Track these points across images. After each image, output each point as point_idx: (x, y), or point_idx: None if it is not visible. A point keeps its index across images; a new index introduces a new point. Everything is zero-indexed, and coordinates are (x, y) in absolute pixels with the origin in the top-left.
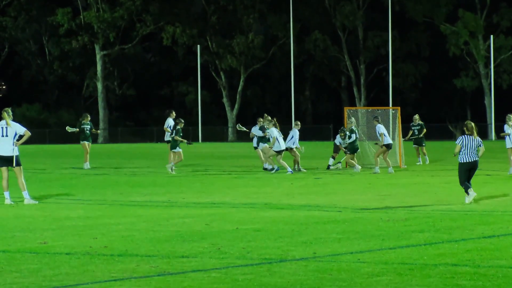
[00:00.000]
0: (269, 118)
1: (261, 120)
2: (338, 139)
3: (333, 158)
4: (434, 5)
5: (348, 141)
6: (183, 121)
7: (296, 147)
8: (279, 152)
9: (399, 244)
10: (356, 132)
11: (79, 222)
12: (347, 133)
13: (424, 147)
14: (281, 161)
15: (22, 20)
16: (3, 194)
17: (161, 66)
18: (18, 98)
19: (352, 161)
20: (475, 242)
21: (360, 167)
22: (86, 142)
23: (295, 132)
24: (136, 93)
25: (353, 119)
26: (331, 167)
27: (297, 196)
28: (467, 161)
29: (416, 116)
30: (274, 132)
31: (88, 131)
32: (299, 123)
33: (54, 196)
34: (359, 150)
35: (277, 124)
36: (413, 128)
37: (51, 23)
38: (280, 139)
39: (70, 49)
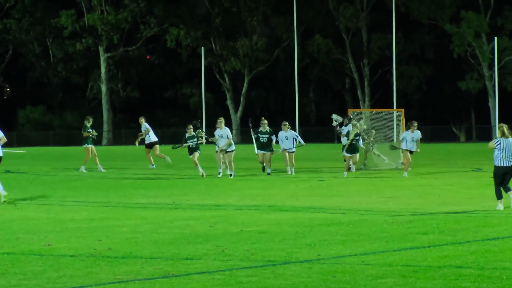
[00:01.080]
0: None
1: (221, 121)
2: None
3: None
4: (438, 6)
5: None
6: (190, 127)
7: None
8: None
9: (403, 246)
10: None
11: (83, 224)
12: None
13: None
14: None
15: (26, 23)
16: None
17: (165, 68)
18: (22, 100)
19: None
20: (479, 244)
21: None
22: (89, 146)
23: (280, 134)
24: (140, 95)
25: (354, 121)
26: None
27: (301, 198)
28: (505, 165)
29: (264, 121)
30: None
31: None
32: (286, 123)
33: (58, 198)
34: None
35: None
36: (259, 135)
37: (55, 25)
38: (222, 140)
39: (74, 51)
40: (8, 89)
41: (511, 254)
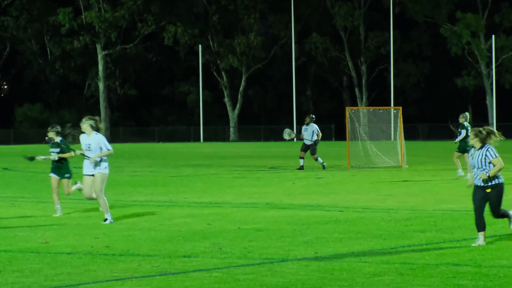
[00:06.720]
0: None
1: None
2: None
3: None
4: (434, 5)
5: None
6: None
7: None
8: None
9: (400, 244)
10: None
11: (80, 221)
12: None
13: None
14: None
15: (24, 20)
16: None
17: (163, 66)
18: (20, 98)
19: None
20: None
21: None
22: None
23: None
24: (137, 93)
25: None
26: None
27: (298, 196)
28: None
29: None
30: None
31: None
32: None
33: None
34: None
35: None
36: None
37: (53, 23)
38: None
39: (71, 49)
40: (5, 86)
41: (508, 251)
